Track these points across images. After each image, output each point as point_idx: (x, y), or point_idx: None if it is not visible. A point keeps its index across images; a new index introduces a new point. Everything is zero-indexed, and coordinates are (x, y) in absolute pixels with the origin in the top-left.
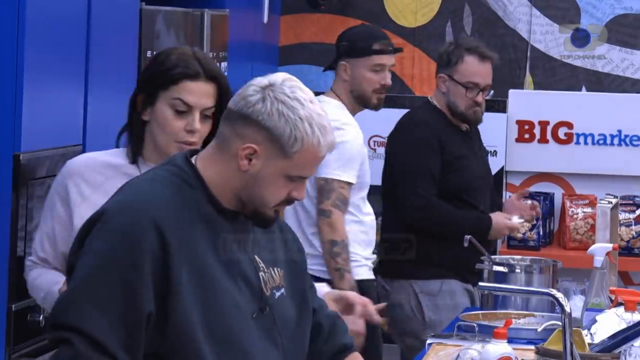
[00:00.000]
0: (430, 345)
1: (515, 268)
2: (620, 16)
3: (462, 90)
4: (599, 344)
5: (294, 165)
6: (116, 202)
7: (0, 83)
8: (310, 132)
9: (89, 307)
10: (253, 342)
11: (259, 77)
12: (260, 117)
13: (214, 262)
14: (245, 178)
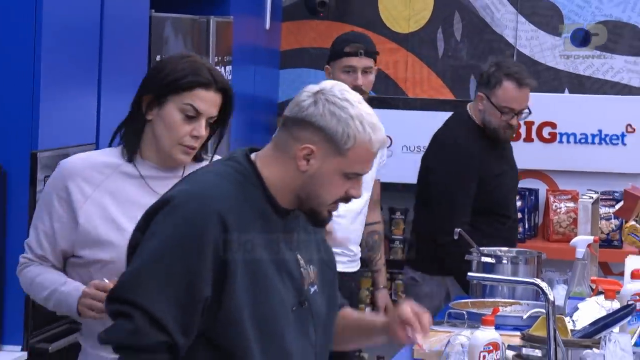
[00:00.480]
0: None
1: (503, 259)
2: (600, 23)
3: (497, 113)
4: (581, 330)
5: (349, 163)
6: (184, 191)
7: (20, 86)
8: (361, 129)
9: (153, 287)
10: (291, 335)
11: (310, 85)
12: (314, 119)
13: (266, 257)
14: (304, 178)
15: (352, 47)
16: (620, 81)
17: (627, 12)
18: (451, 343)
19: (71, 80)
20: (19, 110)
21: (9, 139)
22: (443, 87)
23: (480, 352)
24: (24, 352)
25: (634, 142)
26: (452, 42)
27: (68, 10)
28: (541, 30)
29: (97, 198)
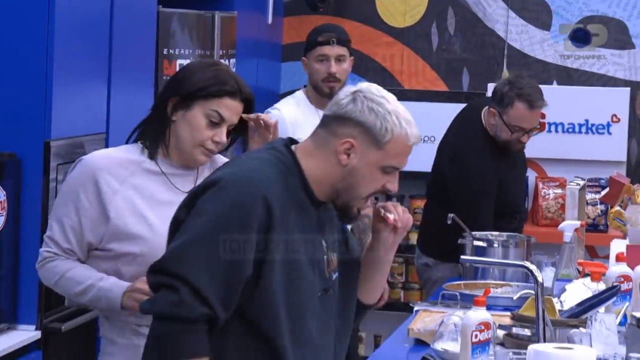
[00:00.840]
0: (418, 311)
1: (494, 243)
2: (586, 17)
3: (508, 131)
4: (568, 310)
5: (386, 156)
6: (232, 174)
7: (33, 79)
8: (398, 123)
9: (198, 262)
10: (314, 319)
11: (347, 86)
12: (354, 114)
13: (300, 243)
14: (344, 171)
15: (324, 36)
16: (606, 73)
17: (612, 7)
18: (444, 322)
19: (82, 72)
20: (33, 100)
21: (23, 128)
22: (437, 79)
23: (472, 331)
24: (38, 331)
25: (618, 131)
26: (445, 35)
27: (79, 5)
28: (530, 25)
29: (124, 192)
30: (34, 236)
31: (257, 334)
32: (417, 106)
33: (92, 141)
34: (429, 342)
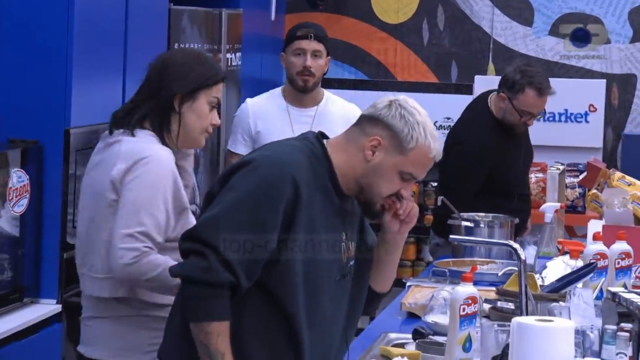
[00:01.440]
0: (410, 287)
1: (480, 223)
2: (566, 14)
3: (517, 115)
4: (549, 285)
5: (407, 162)
6: (264, 156)
7: (54, 71)
8: (424, 135)
9: (228, 232)
10: (329, 301)
11: (387, 96)
12: (385, 118)
13: (321, 227)
14: (367, 167)
15: (302, 30)
16: (584, 66)
17: (589, 5)
18: (435, 297)
19: (99, 65)
20: (54, 91)
21: (45, 117)
22: (427, 72)
23: (460, 305)
24: (58, 305)
25: (595, 119)
26: (435, 31)
27: (96, 2)
28: (514, 21)
29: (180, 184)
30: (55, 217)
31: (275, 306)
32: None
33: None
34: (420, 315)
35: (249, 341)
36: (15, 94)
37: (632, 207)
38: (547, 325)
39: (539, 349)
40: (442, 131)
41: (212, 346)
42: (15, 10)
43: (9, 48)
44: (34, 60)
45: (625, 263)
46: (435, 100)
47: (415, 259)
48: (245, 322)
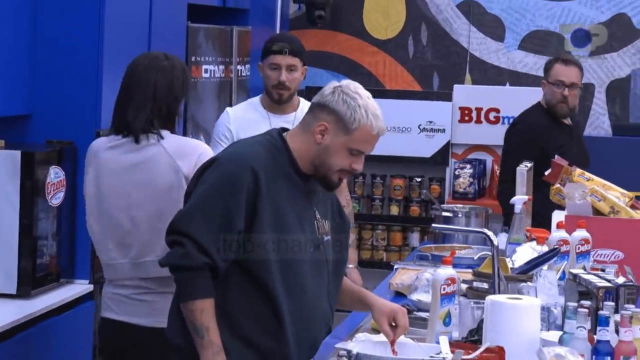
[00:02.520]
0: (397, 269)
1: (458, 214)
2: (532, 32)
3: (552, 87)
4: (518, 268)
5: (353, 140)
6: (227, 153)
7: (87, 81)
8: (365, 115)
9: (199, 221)
10: (307, 273)
11: (332, 82)
12: (331, 103)
13: (288, 206)
14: (319, 149)
15: (277, 45)
16: None
17: (553, 23)
18: (419, 278)
19: None
20: (86, 98)
21: (78, 121)
22: (412, 81)
23: (441, 285)
24: (90, 285)
25: None
26: (419, 46)
27: (123, 21)
28: (488, 38)
29: None
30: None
31: (254, 282)
32: (396, 103)
33: None
34: (406, 294)
35: (236, 315)
36: (53, 102)
37: (590, 200)
38: (517, 302)
39: (509, 323)
40: (425, 133)
41: (197, 321)
42: (52, 30)
43: (48, 62)
44: (70, 72)
45: (585, 248)
46: (419, 106)
47: (402, 245)
48: (231, 298)
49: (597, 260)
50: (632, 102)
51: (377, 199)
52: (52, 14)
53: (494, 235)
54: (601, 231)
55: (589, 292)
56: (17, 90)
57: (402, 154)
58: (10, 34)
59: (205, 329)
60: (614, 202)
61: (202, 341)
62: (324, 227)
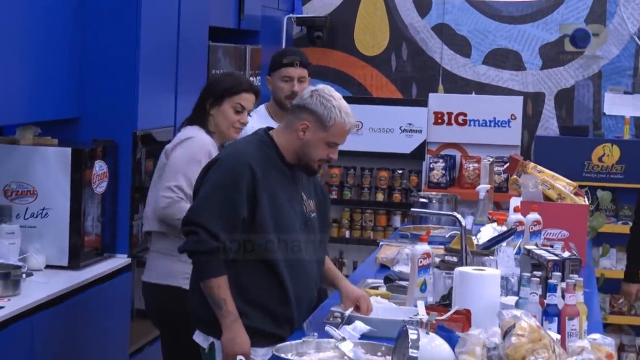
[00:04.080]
0: (382, 245)
1: (433, 200)
2: (494, 49)
3: None
4: (482, 244)
5: (330, 135)
6: (226, 154)
7: (126, 90)
8: (339, 114)
9: (209, 213)
10: (301, 245)
11: (309, 87)
12: (310, 105)
13: (281, 192)
14: (301, 143)
15: (288, 58)
16: (507, 86)
17: (511, 42)
18: (400, 253)
19: (158, 85)
20: (125, 104)
21: (119, 123)
22: (395, 90)
23: (418, 259)
24: (128, 259)
25: (515, 125)
26: (400, 61)
27: (156, 38)
28: (457, 54)
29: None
30: (125, 195)
31: (260, 256)
32: (381, 108)
33: (164, 132)
34: (389, 266)
35: (247, 285)
36: (98, 107)
37: (541, 188)
38: (481, 273)
39: (474, 290)
40: (405, 133)
41: (215, 296)
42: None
43: (93, 74)
44: (112, 82)
45: (537, 228)
46: (400, 111)
47: (386, 225)
48: (243, 274)
49: (547, 238)
50: (576, 107)
51: (366, 188)
52: (97, 33)
53: (462, 218)
54: (550, 214)
55: (540, 264)
56: (68, 97)
57: (386, 151)
58: (62, 51)
59: (222, 301)
60: (560, 190)
61: (221, 311)
62: (310, 206)
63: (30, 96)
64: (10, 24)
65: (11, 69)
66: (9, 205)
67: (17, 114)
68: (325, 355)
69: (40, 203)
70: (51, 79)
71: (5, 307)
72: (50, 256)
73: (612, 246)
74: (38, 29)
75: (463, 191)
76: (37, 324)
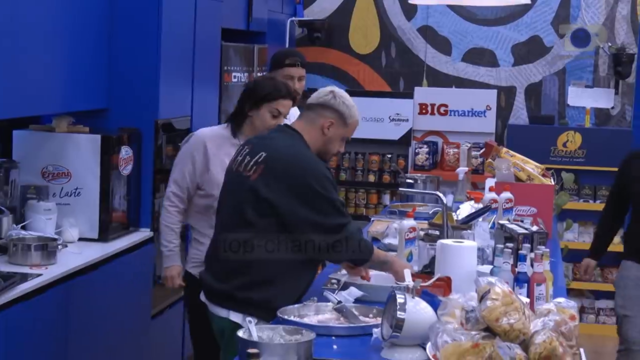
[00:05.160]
0: (373, 221)
1: (418, 180)
2: (472, 48)
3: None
4: (461, 220)
5: (347, 131)
6: (273, 149)
7: (148, 83)
8: (355, 113)
9: None
10: None
11: (322, 89)
12: (334, 105)
13: None
14: (324, 139)
15: (291, 59)
16: (483, 81)
17: (486, 42)
18: (389, 227)
19: (177, 79)
20: (148, 95)
21: (142, 112)
22: (384, 84)
23: (405, 232)
24: (151, 232)
25: (490, 115)
26: (389, 59)
27: (175, 39)
28: (439, 52)
29: (220, 156)
30: (148, 176)
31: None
32: (373, 100)
33: (182, 121)
34: (380, 239)
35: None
36: (124, 99)
37: (513, 170)
38: (460, 244)
39: (454, 259)
40: (394, 122)
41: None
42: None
43: (120, 70)
44: (136, 77)
45: (509, 205)
46: (389, 103)
47: (377, 203)
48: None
49: (517, 214)
50: (543, 100)
51: (359, 170)
52: (123, 35)
53: (443, 196)
54: (520, 193)
55: (512, 237)
56: (98, 91)
57: (377, 137)
58: (93, 50)
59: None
60: (530, 172)
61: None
62: None
63: (65, 89)
64: (48, 26)
65: (49, 66)
66: (46, 186)
67: (54, 105)
68: (323, 317)
69: (74, 183)
70: (83, 74)
71: (44, 275)
72: (82, 230)
73: (575, 221)
74: (73, 31)
75: (444, 173)
76: (70, 290)
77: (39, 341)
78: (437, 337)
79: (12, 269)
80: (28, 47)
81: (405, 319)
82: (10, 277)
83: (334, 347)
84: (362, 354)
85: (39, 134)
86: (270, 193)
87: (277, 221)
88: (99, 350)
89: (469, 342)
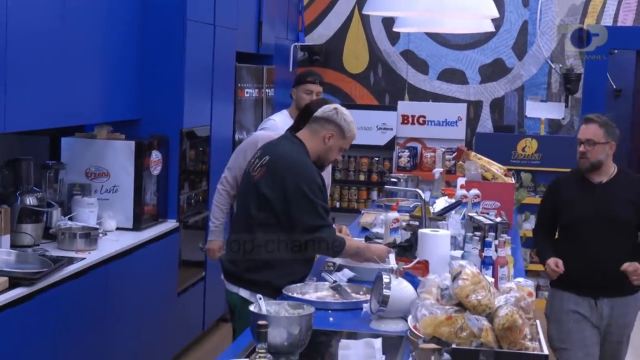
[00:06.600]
0: (363, 213)
1: (401, 179)
2: (446, 69)
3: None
4: (437, 212)
5: (345, 143)
6: (276, 154)
7: (174, 97)
8: (353, 128)
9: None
10: None
11: (327, 105)
12: (336, 120)
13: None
14: (325, 148)
15: (312, 77)
16: (455, 96)
17: (458, 64)
18: (377, 218)
19: (198, 93)
20: (175, 107)
21: (169, 121)
22: (373, 99)
23: (390, 222)
24: (177, 222)
25: (461, 124)
26: (377, 77)
27: (198, 59)
28: (418, 72)
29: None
30: (175, 176)
31: None
32: (363, 112)
33: (203, 129)
34: (369, 228)
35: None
36: (154, 110)
37: (480, 171)
38: (436, 233)
39: (431, 246)
40: (380, 130)
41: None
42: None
43: (150, 84)
44: (164, 91)
45: (477, 200)
46: (376, 114)
47: (366, 198)
48: None
49: (484, 207)
50: (505, 112)
51: (351, 170)
52: (154, 56)
53: (422, 193)
54: (487, 190)
55: (480, 227)
56: (132, 104)
57: (366, 143)
58: (128, 68)
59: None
60: (494, 172)
61: None
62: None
63: (104, 103)
64: (90, 47)
65: (91, 83)
66: (89, 184)
67: (95, 115)
68: (321, 294)
69: (112, 182)
70: (120, 90)
71: (87, 258)
72: (119, 221)
73: (532, 213)
74: (112, 52)
75: (423, 173)
76: (110, 271)
77: (83, 313)
78: (417, 311)
79: (60, 254)
80: (74, 68)
81: (390, 296)
82: (59, 260)
83: (330, 319)
84: (354, 325)
85: (82, 140)
86: (268, 190)
87: (272, 215)
88: (133, 321)
89: (444, 315)
